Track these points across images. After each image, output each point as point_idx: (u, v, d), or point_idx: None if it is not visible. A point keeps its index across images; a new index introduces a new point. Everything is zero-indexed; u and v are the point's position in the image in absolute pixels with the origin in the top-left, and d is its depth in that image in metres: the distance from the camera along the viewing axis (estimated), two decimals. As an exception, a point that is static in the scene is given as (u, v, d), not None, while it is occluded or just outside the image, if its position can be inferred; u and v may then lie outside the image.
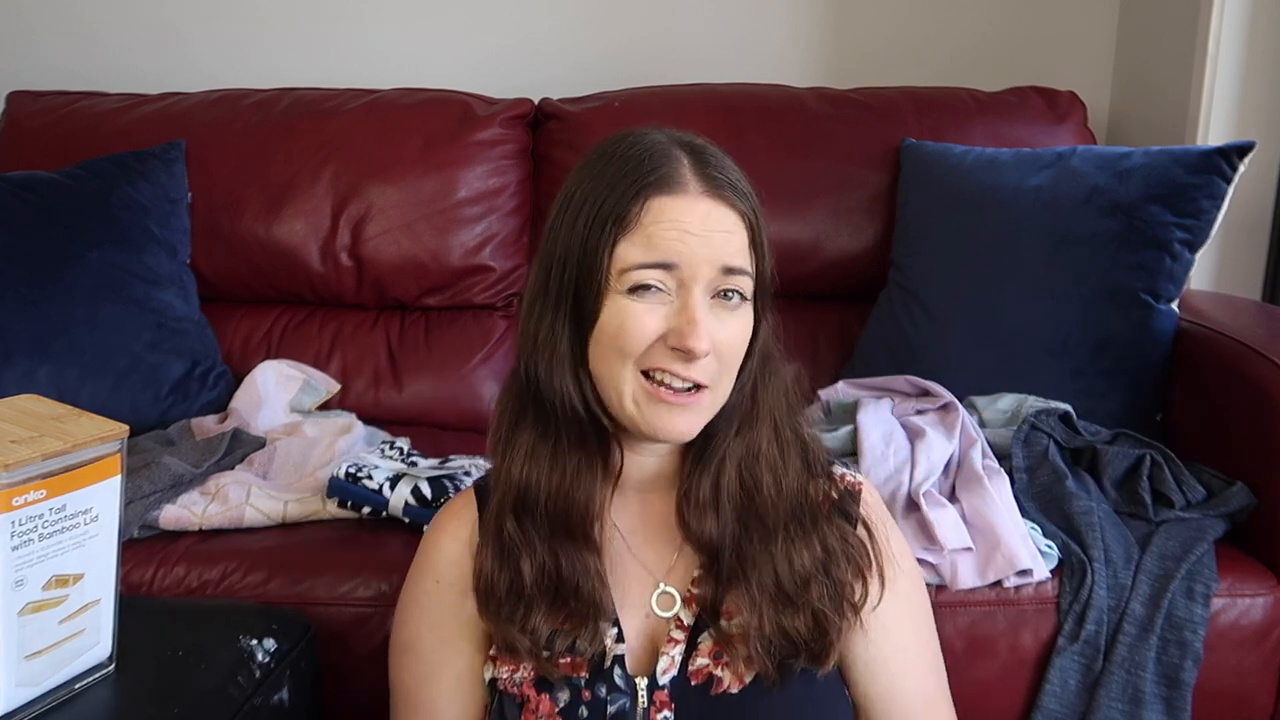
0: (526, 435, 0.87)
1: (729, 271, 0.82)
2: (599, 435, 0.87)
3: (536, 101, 1.96)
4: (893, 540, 0.93)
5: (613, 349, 0.82)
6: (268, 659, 0.98)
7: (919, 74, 2.07)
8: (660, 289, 0.81)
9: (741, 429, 0.87)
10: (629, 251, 0.81)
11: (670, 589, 0.89)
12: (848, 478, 0.95)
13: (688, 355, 0.80)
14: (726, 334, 0.83)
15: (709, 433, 0.87)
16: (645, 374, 0.82)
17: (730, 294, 0.83)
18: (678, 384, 0.82)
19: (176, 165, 1.82)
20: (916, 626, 0.94)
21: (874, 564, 0.89)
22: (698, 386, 0.82)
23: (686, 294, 0.81)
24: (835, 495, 0.92)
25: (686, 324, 0.80)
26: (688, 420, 0.83)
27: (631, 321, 0.81)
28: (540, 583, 0.85)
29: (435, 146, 1.86)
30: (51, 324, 1.58)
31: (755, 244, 0.84)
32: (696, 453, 0.89)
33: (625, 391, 0.83)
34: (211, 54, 2.15)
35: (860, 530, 0.91)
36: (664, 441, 0.85)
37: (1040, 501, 1.35)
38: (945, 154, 1.76)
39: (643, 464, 0.90)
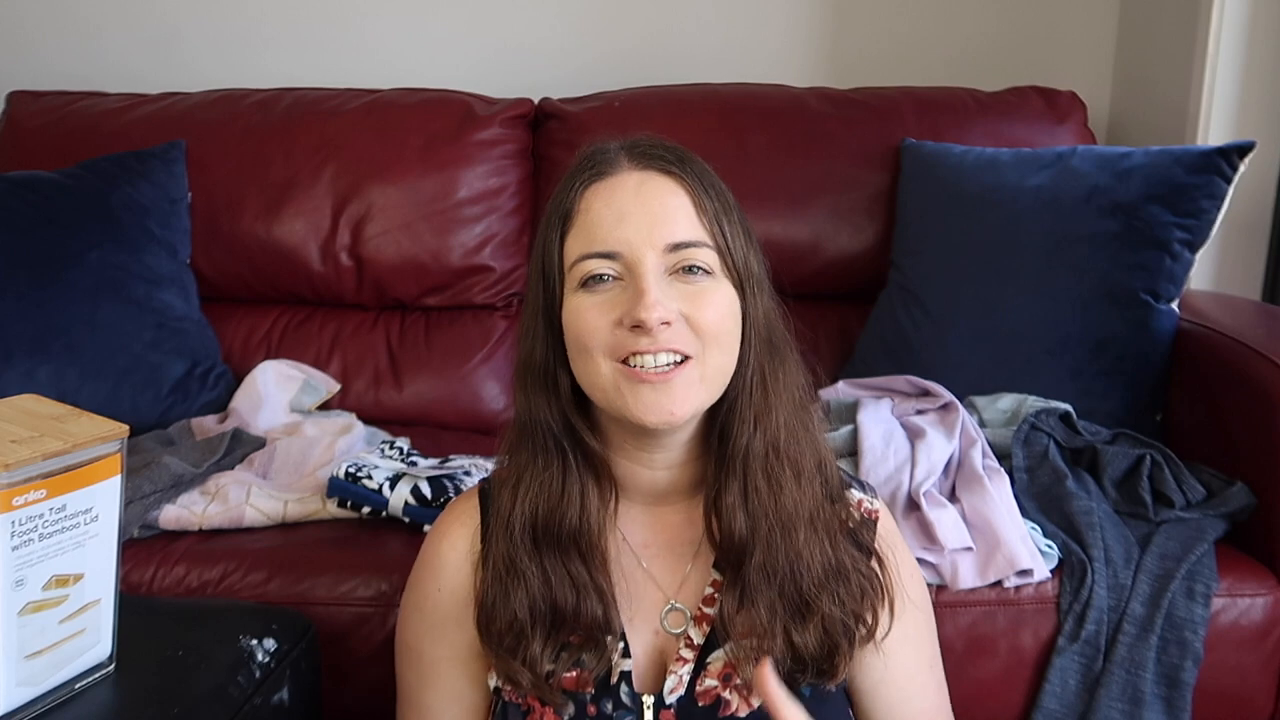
0: (519, 460, 0.87)
1: (676, 248, 0.80)
2: (580, 450, 0.85)
3: (536, 101, 1.96)
4: (903, 568, 0.92)
5: (578, 348, 0.82)
6: (268, 659, 0.98)
7: (919, 74, 2.07)
8: (610, 277, 0.80)
9: (758, 423, 0.84)
10: (574, 245, 0.82)
11: (680, 605, 0.88)
12: (865, 504, 0.93)
13: (643, 327, 0.78)
14: (697, 308, 0.80)
15: (725, 432, 0.85)
16: (622, 362, 0.80)
17: (693, 269, 0.80)
18: (650, 361, 0.79)
19: (176, 165, 1.82)
20: (921, 653, 0.94)
21: (886, 596, 0.88)
22: (684, 357, 0.79)
23: (635, 275, 0.79)
24: (851, 523, 0.90)
25: (635, 297, 0.78)
26: (673, 397, 0.79)
27: (584, 317, 0.81)
28: (535, 612, 0.84)
29: (435, 146, 1.86)
30: (51, 324, 1.58)
31: (703, 210, 0.81)
32: (718, 456, 0.86)
33: (605, 383, 0.81)
34: (211, 54, 2.15)
35: (873, 562, 0.89)
36: (655, 427, 0.80)
37: (1040, 501, 1.35)
38: (945, 154, 1.76)
39: (653, 477, 0.88)
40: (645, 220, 0.80)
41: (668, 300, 0.79)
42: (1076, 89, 1.95)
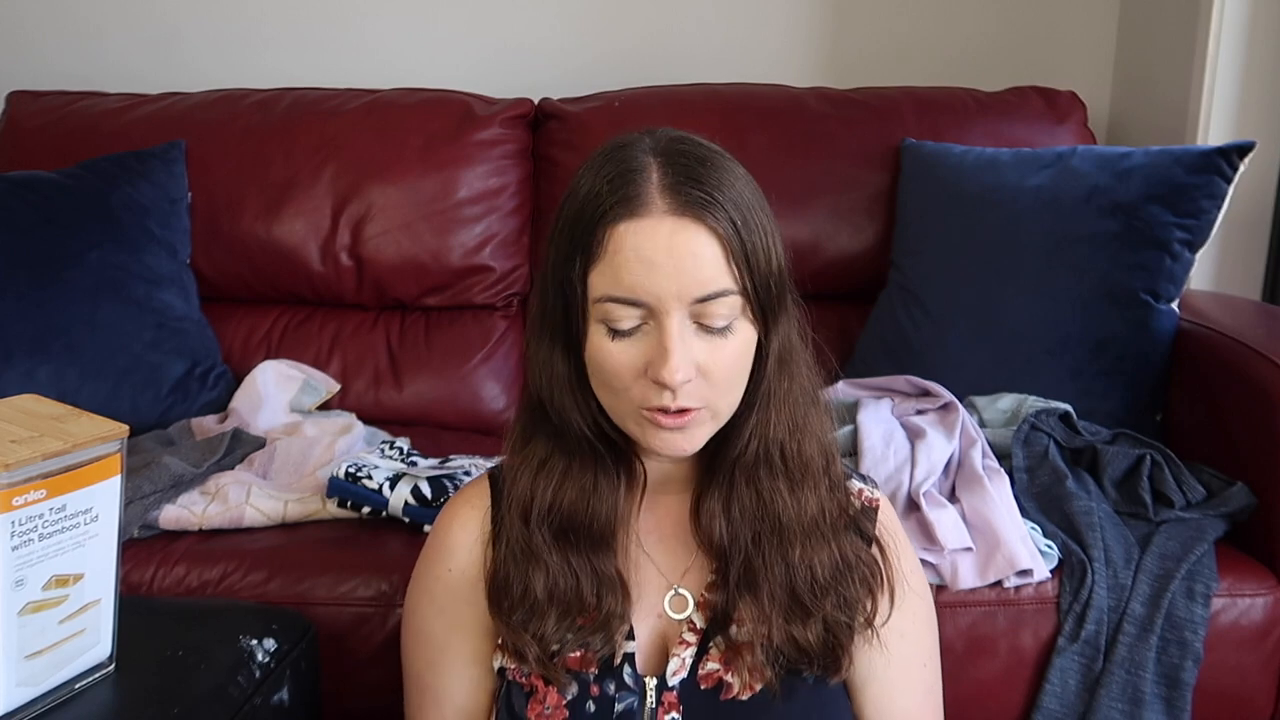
0: (539, 448, 0.87)
1: (702, 301, 0.78)
2: (612, 450, 0.86)
3: (536, 101, 1.96)
4: (904, 559, 0.92)
5: (603, 385, 0.82)
6: (268, 659, 0.98)
7: (919, 74, 2.07)
8: (637, 325, 0.80)
9: (754, 436, 0.85)
10: (599, 281, 0.79)
11: (684, 591, 0.89)
12: (865, 493, 0.94)
13: (664, 387, 0.79)
14: (714, 358, 0.80)
15: (721, 438, 0.86)
16: (639, 407, 0.81)
17: (714, 327, 0.80)
18: (667, 413, 0.80)
19: (176, 165, 1.82)
20: (919, 646, 0.94)
21: (886, 583, 0.89)
22: (687, 410, 0.80)
23: (660, 327, 0.79)
24: (851, 512, 0.90)
25: (659, 356, 0.78)
26: (687, 438, 0.82)
27: (610, 362, 0.80)
28: (552, 595, 0.85)
29: (435, 146, 1.86)
30: (51, 324, 1.58)
31: (733, 257, 0.79)
32: (708, 460, 0.88)
33: (626, 419, 0.83)
34: (211, 54, 2.15)
35: (874, 549, 0.90)
36: (667, 457, 0.85)
37: (1040, 501, 1.35)
38: (945, 154, 1.76)
39: (657, 467, 0.90)
40: (674, 273, 0.77)
41: (689, 356, 0.79)
42: (1076, 89, 1.95)
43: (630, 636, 0.87)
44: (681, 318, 0.78)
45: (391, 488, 1.33)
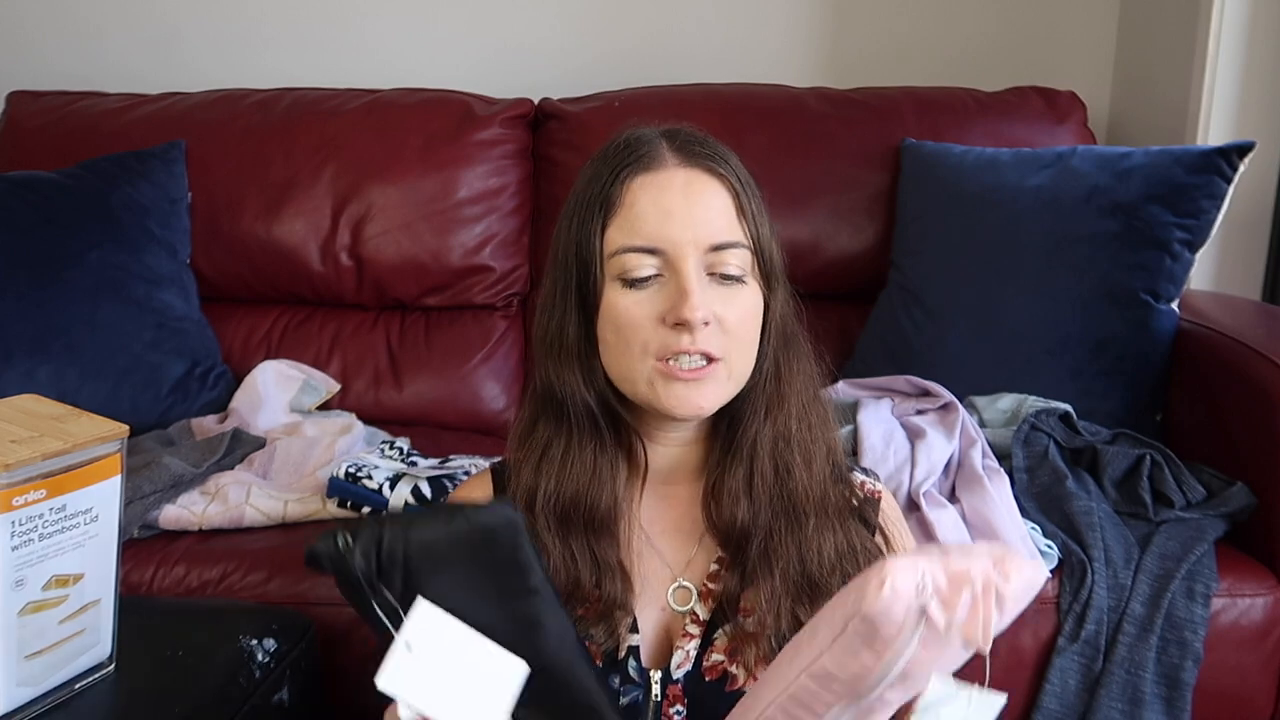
0: (542, 435, 0.88)
1: (718, 249, 0.82)
2: (616, 431, 0.87)
3: (536, 101, 1.96)
4: (908, 547, 0.93)
5: (619, 343, 0.83)
6: (268, 659, 0.98)
7: (919, 74, 2.06)
8: (653, 276, 0.82)
9: (770, 413, 0.87)
10: (616, 234, 0.83)
11: (687, 583, 0.89)
12: (867, 485, 0.95)
13: (686, 326, 0.80)
14: (728, 309, 0.83)
15: (735, 419, 0.87)
16: (659, 359, 0.83)
17: (728, 274, 0.83)
18: (687, 361, 0.82)
19: (176, 165, 1.82)
20: None
21: None
22: (710, 359, 0.82)
23: (677, 273, 0.82)
24: (855, 502, 0.91)
25: (680, 298, 0.81)
26: (703, 393, 0.83)
27: (627, 314, 0.82)
28: (554, 584, 0.85)
29: (435, 146, 1.86)
30: (51, 324, 1.58)
31: (743, 211, 0.84)
32: (725, 441, 0.89)
33: (639, 378, 0.83)
34: (211, 54, 2.15)
35: (878, 538, 0.91)
36: (682, 419, 0.85)
37: (1040, 501, 1.35)
38: (945, 154, 1.76)
39: (668, 454, 0.90)
40: (690, 220, 0.82)
41: (707, 300, 0.82)
42: (1076, 89, 1.95)
43: (634, 629, 0.87)
44: (697, 264, 0.82)
45: (391, 488, 1.33)
